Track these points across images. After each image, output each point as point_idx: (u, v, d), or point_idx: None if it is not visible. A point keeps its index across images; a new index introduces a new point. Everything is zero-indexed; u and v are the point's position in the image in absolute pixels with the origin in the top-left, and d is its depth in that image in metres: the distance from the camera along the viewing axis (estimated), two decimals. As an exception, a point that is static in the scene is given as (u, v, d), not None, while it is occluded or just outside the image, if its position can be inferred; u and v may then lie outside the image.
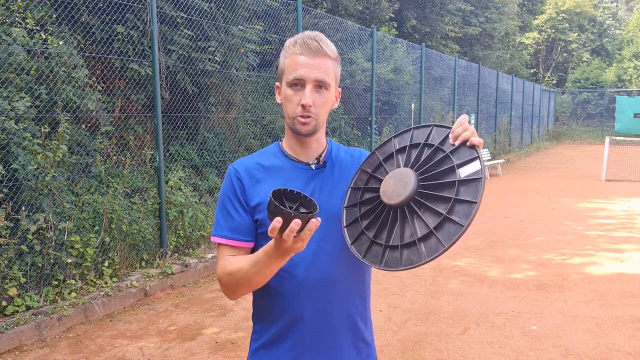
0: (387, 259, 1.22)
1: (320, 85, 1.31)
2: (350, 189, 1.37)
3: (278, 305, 1.34)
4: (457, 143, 1.21)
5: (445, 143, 1.25)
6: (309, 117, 1.31)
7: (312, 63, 1.30)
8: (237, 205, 1.35)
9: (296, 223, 1.06)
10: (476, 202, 1.14)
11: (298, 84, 1.31)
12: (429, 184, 1.22)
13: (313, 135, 1.36)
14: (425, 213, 1.20)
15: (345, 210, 1.35)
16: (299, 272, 1.32)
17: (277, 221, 1.08)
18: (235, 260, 1.30)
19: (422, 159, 1.26)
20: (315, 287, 1.32)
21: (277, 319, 1.35)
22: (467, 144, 1.20)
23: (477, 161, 1.18)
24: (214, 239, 1.36)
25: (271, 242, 1.16)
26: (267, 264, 1.19)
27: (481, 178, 1.16)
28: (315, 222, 1.07)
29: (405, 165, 1.29)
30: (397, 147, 1.34)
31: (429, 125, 1.32)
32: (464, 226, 1.12)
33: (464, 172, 1.19)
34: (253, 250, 1.37)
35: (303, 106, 1.30)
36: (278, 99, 1.40)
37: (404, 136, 1.35)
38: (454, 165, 1.21)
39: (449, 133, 1.25)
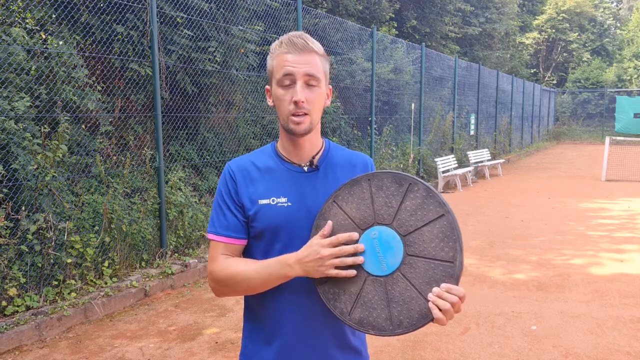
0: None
1: (310, 80, 1.30)
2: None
3: (264, 306, 1.36)
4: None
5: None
6: (303, 114, 1.30)
7: (299, 59, 1.29)
8: (230, 204, 1.37)
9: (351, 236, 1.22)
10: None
11: (288, 82, 1.30)
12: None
13: (307, 134, 1.34)
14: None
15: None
16: None
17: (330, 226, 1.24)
18: (239, 261, 1.33)
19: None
20: (300, 289, 1.32)
21: (263, 320, 1.37)
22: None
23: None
24: (208, 235, 1.39)
25: (298, 252, 1.25)
26: (277, 274, 1.26)
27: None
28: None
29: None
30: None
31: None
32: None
33: None
34: (245, 250, 1.39)
35: (296, 103, 1.28)
36: (270, 102, 1.39)
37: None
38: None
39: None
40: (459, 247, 1.18)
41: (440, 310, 1.15)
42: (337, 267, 1.22)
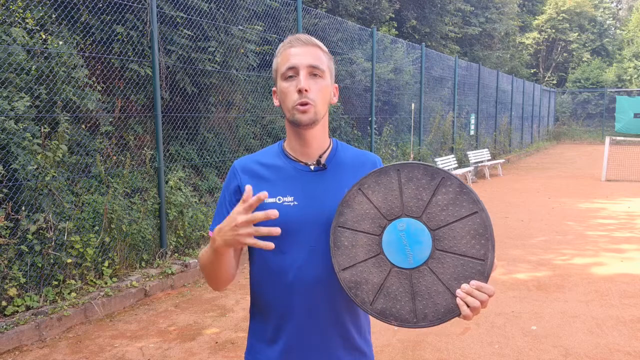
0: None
1: (314, 72, 1.30)
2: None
3: (269, 304, 1.35)
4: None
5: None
6: (307, 103, 1.29)
7: (303, 51, 1.31)
8: (228, 204, 1.37)
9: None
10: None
11: (292, 74, 1.30)
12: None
13: (314, 125, 1.32)
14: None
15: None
16: (290, 273, 1.31)
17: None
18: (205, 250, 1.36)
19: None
20: (305, 288, 1.31)
21: (268, 318, 1.36)
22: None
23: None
24: (209, 232, 1.39)
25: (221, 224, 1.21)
26: (211, 250, 1.27)
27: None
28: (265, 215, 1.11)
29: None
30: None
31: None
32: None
33: None
34: (250, 248, 1.38)
35: (299, 91, 1.28)
36: (276, 102, 1.39)
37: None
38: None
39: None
40: (491, 245, 1.17)
41: (468, 306, 1.15)
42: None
